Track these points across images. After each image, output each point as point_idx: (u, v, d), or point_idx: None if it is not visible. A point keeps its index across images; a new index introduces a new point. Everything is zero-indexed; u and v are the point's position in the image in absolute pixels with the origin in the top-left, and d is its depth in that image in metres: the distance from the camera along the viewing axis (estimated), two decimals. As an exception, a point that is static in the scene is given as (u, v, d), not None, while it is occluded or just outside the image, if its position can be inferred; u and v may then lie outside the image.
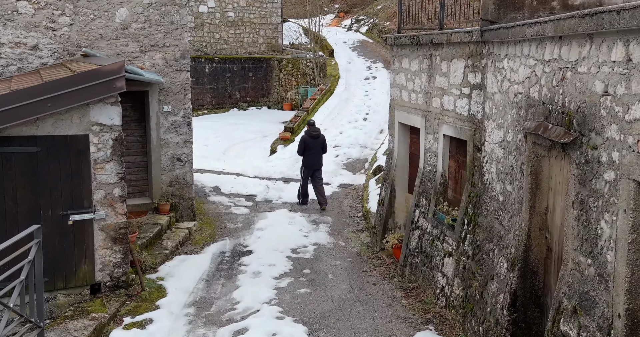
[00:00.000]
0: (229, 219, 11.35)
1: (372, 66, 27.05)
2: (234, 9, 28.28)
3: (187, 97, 10.13)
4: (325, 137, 12.22)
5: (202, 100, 27.50)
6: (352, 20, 38.63)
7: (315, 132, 12.03)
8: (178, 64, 9.99)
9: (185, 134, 10.23)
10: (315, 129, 12.12)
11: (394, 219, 9.46)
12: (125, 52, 9.63)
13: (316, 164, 11.94)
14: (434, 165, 8.02)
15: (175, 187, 10.32)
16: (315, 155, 11.87)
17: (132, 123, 10.07)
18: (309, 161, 11.92)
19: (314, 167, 11.94)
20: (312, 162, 11.93)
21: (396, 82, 9.37)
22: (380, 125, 19.12)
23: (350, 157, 16.40)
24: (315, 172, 12.03)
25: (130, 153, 10.12)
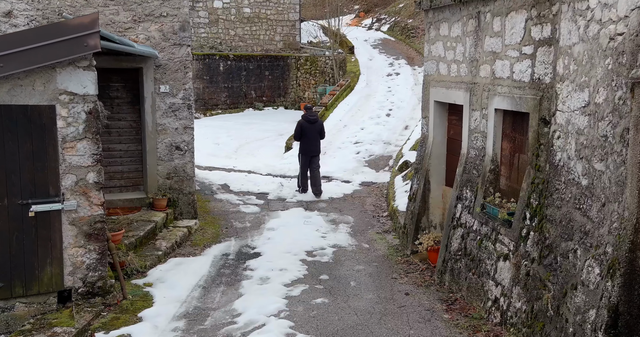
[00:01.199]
0: (236, 218, 9.94)
1: (394, 63, 25.61)
2: (249, 5, 27.12)
3: (187, 76, 8.79)
4: (323, 123, 11.58)
5: (216, 100, 26.32)
6: (372, 19, 37.29)
7: (312, 116, 11.41)
8: (177, 37, 8.67)
9: (186, 118, 8.88)
10: (313, 114, 11.49)
11: (428, 217, 7.95)
12: (115, 22, 8.33)
13: (314, 150, 11.35)
14: (481, 148, 6.53)
15: (174, 180, 8.95)
16: (312, 140, 11.30)
17: (125, 106, 8.75)
18: (306, 147, 11.33)
19: (311, 153, 11.34)
20: (310, 148, 11.33)
21: (431, 54, 7.90)
22: (405, 121, 17.64)
23: (372, 154, 14.92)
24: (313, 158, 11.39)
25: (122, 140, 8.80)
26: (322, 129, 11.63)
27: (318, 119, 11.51)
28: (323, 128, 11.67)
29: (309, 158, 11.41)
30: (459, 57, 7.05)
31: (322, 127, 11.62)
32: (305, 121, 11.41)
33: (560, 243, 4.83)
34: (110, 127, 8.68)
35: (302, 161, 11.47)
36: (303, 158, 11.44)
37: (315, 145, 11.42)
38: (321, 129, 11.56)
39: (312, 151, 11.41)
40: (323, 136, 11.66)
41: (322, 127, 11.62)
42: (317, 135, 11.43)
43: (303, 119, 11.47)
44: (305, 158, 11.41)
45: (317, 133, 11.44)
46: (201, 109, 25.83)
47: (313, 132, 11.37)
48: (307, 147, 11.38)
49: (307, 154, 11.39)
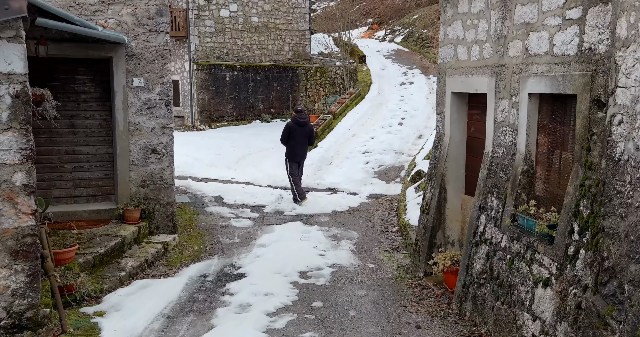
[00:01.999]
0: (224, 233, 8.70)
1: (408, 72, 24.44)
2: (258, 14, 26.23)
3: (165, 68, 7.65)
4: (313, 127, 10.93)
5: (222, 112, 25.32)
6: (386, 31, 36.27)
7: (302, 119, 10.71)
8: (154, 23, 7.55)
9: (164, 117, 7.71)
10: (303, 116, 10.81)
11: (445, 232, 6.63)
12: (79, 4, 7.24)
13: (300, 156, 10.74)
14: (510, 145, 5.23)
15: (150, 189, 7.75)
16: (300, 145, 10.64)
17: (93, 102, 7.61)
18: (292, 151, 10.64)
19: (297, 159, 10.70)
20: (296, 153, 10.65)
21: (448, 37, 6.66)
22: (419, 130, 16.35)
23: (382, 165, 13.64)
24: (299, 163, 10.78)
25: (90, 142, 7.64)
26: (312, 133, 10.89)
27: (308, 122, 10.79)
28: (313, 132, 10.94)
29: (296, 164, 10.68)
30: (481, 36, 5.80)
31: (311, 131, 10.88)
32: (295, 123, 10.64)
33: (627, 265, 3.50)
34: (76, 127, 7.54)
35: (290, 168, 10.65)
36: (290, 164, 10.63)
37: (302, 150, 10.73)
38: (310, 134, 10.83)
39: (298, 156, 10.69)
40: (312, 142, 10.97)
41: (311, 131, 10.88)
42: (306, 140, 10.73)
43: (292, 122, 10.71)
44: (291, 164, 10.63)
45: (306, 137, 10.71)
46: (206, 120, 24.84)
47: (301, 136, 10.62)
48: (293, 152, 10.60)
49: (294, 159, 10.63)
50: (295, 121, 10.74)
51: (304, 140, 10.72)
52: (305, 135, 10.71)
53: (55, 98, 7.30)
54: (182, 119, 25.57)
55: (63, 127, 7.46)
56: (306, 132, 10.69)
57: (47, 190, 7.42)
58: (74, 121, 7.51)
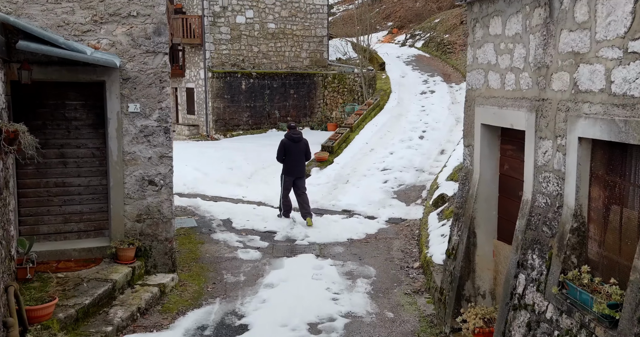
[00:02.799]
0: (229, 269, 7.99)
1: (429, 80, 23.54)
2: (274, 20, 25.62)
3: (163, 91, 6.97)
4: (307, 142, 10.80)
5: (238, 120, 24.74)
6: (406, 35, 35.37)
7: (296, 135, 10.65)
8: (151, 43, 6.88)
9: (162, 145, 7.03)
10: (297, 132, 10.73)
11: (474, 282, 5.82)
12: (69, 24, 6.60)
13: (298, 172, 10.62)
14: (555, 195, 4.42)
15: (146, 224, 7.08)
16: (297, 161, 10.59)
17: (85, 129, 6.96)
18: (289, 168, 10.56)
19: (295, 175, 10.57)
20: (293, 169, 10.55)
21: (477, 61, 5.87)
22: (441, 144, 15.49)
23: (402, 184, 12.82)
24: (298, 180, 10.61)
25: (82, 173, 6.99)
26: (308, 148, 10.76)
27: (302, 138, 10.71)
28: (308, 148, 10.79)
29: (293, 179, 10.57)
30: (518, 63, 5.00)
31: (307, 147, 10.73)
32: (289, 140, 10.57)
33: None
34: (66, 156, 6.90)
35: (285, 183, 10.59)
36: (286, 179, 10.58)
37: (300, 166, 10.64)
38: (306, 149, 10.73)
39: (296, 172, 10.58)
40: (309, 157, 10.88)
41: (307, 147, 10.73)
42: (302, 156, 10.68)
43: (286, 138, 10.61)
44: (288, 179, 10.57)
45: (302, 153, 10.66)
46: (221, 129, 24.29)
47: (297, 152, 10.58)
48: (290, 168, 10.55)
49: (291, 175, 10.58)
50: (290, 137, 10.59)
51: (300, 156, 10.64)
52: (301, 151, 10.64)
53: (43, 126, 6.72)
54: (197, 128, 25.06)
55: (52, 156, 6.83)
56: (302, 148, 10.62)
57: (35, 226, 6.80)
58: (64, 150, 6.88)
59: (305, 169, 10.93)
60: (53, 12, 6.48)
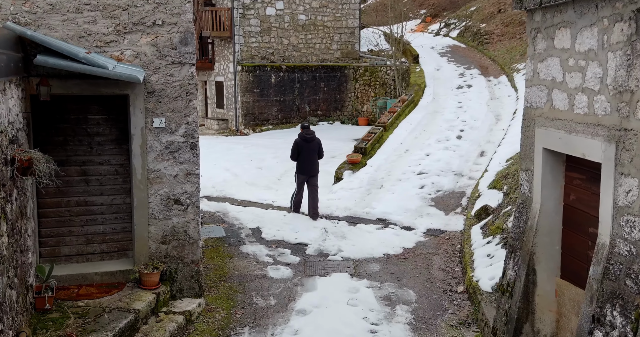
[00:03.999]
0: (259, 289, 7.54)
1: (465, 73, 22.64)
2: (305, 11, 24.96)
3: (190, 105, 6.49)
4: (320, 141, 11.21)
5: (267, 114, 24.30)
6: (440, 24, 34.28)
7: (309, 135, 11.02)
8: (177, 53, 6.39)
9: (188, 162, 6.57)
10: (310, 132, 11.08)
11: (534, 325, 5.21)
12: (91, 34, 6.15)
13: (311, 170, 11.03)
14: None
15: (171, 245, 6.65)
16: (309, 160, 11.01)
17: (108, 145, 6.54)
18: (302, 166, 11.02)
19: (309, 173, 11.01)
20: (307, 168, 10.99)
21: (538, 75, 5.20)
22: (480, 145, 14.74)
23: (440, 189, 12.16)
24: (311, 178, 11.03)
25: (104, 191, 6.59)
26: (320, 148, 11.15)
27: (315, 137, 11.11)
28: (321, 147, 11.17)
29: (307, 178, 11.02)
30: (592, 84, 4.33)
31: (319, 146, 11.12)
32: (302, 140, 11.00)
33: None
34: (88, 174, 6.50)
35: (299, 180, 11.13)
36: (300, 177, 11.09)
37: (312, 165, 11.05)
38: (319, 148, 11.12)
39: (309, 170, 10.99)
40: (321, 156, 11.24)
41: (319, 146, 11.12)
42: (315, 155, 11.09)
43: (299, 138, 11.04)
44: (302, 177, 11.07)
45: (314, 152, 11.07)
46: (250, 124, 23.90)
47: (310, 151, 11.00)
48: (304, 167, 11.01)
49: (304, 173, 11.02)
50: (303, 138, 11.01)
51: (312, 156, 11.04)
52: (314, 151, 11.04)
53: (64, 142, 6.32)
54: (226, 122, 24.74)
55: (74, 174, 6.44)
56: (314, 148, 11.03)
57: (55, 247, 6.44)
58: (86, 167, 6.48)
59: (318, 168, 11.19)
60: (74, 22, 6.03)
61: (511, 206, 9.08)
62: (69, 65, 5.41)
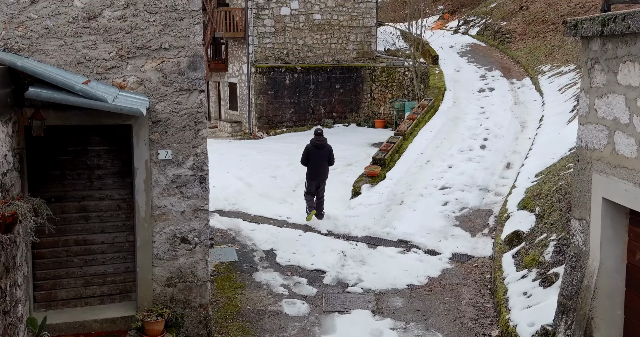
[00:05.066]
0: (272, 330, 6.94)
1: (487, 75, 21.83)
2: (320, 11, 24.27)
3: (199, 135, 5.90)
4: (331, 148, 11.43)
5: (281, 117, 23.71)
6: (459, 21, 33.34)
7: (320, 142, 11.26)
8: (185, 79, 5.79)
9: (197, 197, 5.99)
10: (321, 139, 11.28)
11: (587, 399, 4.56)
12: (91, 60, 5.57)
13: (320, 176, 11.30)
14: None
15: (178, 288, 6.08)
16: (319, 166, 11.26)
17: (109, 178, 5.98)
18: (312, 172, 11.27)
19: (318, 179, 11.28)
20: (316, 174, 11.24)
21: (596, 113, 4.51)
22: (506, 156, 14.01)
23: (465, 207, 11.47)
24: (320, 184, 11.35)
25: (105, 228, 6.03)
26: (331, 155, 11.39)
27: (326, 144, 11.31)
28: (332, 154, 11.40)
29: (316, 183, 11.26)
30: (670, 132, 3.65)
31: (330, 153, 11.35)
32: (313, 146, 11.24)
33: None
34: (88, 210, 5.94)
35: (307, 187, 11.35)
36: (309, 183, 11.32)
37: (322, 171, 11.32)
38: (329, 155, 11.35)
39: (318, 177, 11.25)
40: (332, 163, 11.48)
41: (330, 153, 11.35)
42: (325, 162, 11.31)
43: (311, 144, 11.28)
44: (311, 183, 11.29)
45: (325, 159, 11.29)
46: (264, 127, 23.34)
47: (320, 158, 11.23)
48: (313, 173, 11.24)
49: (314, 179, 11.26)
50: (314, 144, 11.22)
51: (323, 162, 11.26)
52: (324, 157, 11.26)
53: (62, 176, 5.77)
54: (239, 124, 24.19)
55: (72, 211, 5.89)
56: (324, 154, 11.24)
57: (52, 291, 5.91)
58: (85, 203, 5.92)
59: (327, 174, 11.45)
60: (72, 47, 5.46)
61: (546, 233, 8.40)
62: (64, 98, 4.84)
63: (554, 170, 10.97)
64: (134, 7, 5.56)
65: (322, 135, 11.34)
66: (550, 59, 21.37)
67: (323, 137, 11.34)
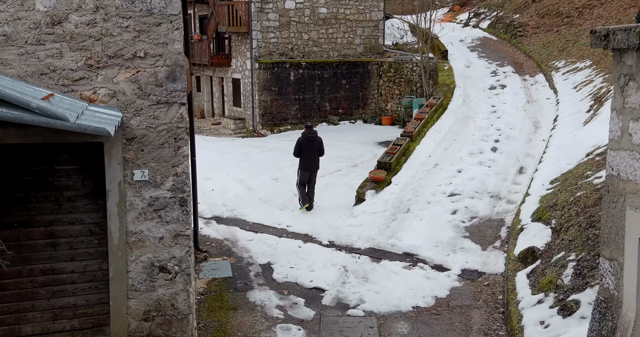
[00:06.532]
0: (265, 361, 6.38)
1: (498, 71, 21.05)
2: (326, 4, 23.54)
3: (180, 152, 5.29)
4: (322, 140, 12.20)
5: (285, 114, 23.08)
6: (469, 14, 32.46)
7: (311, 134, 11.99)
8: (162, 91, 5.17)
9: (177, 221, 5.39)
10: (312, 132, 12.03)
11: None
12: (56, 70, 4.96)
13: (312, 167, 12.01)
14: None
15: (156, 322, 5.51)
16: (310, 158, 11.97)
17: (80, 201, 5.38)
18: (304, 164, 11.96)
19: (309, 170, 11.98)
20: (308, 165, 11.94)
21: (630, 138, 3.85)
22: (519, 159, 13.32)
23: (475, 216, 10.81)
24: (312, 174, 12.05)
25: (76, 256, 5.45)
26: (321, 146, 12.08)
27: (317, 137, 12.00)
28: (322, 146, 12.10)
29: (308, 174, 11.93)
30: None
31: (321, 145, 12.06)
32: (305, 139, 11.88)
33: None
34: (56, 236, 5.36)
35: (300, 177, 11.97)
36: (302, 174, 11.95)
37: (313, 162, 11.99)
38: (320, 147, 12.04)
39: (310, 167, 11.92)
40: (322, 153, 12.15)
41: (321, 145, 12.06)
42: (316, 153, 11.99)
43: (302, 137, 11.93)
44: (303, 174, 11.93)
45: (316, 151, 11.98)
46: (268, 124, 22.72)
47: (312, 150, 11.90)
48: (305, 164, 11.90)
49: (306, 170, 11.91)
50: (305, 137, 11.90)
51: (314, 153, 11.94)
52: (315, 149, 11.94)
53: (26, 199, 5.18)
54: (243, 122, 23.59)
55: (38, 237, 5.31)
56: (316, 146, 11.94)
57: (15, 326, 5.35)
58: (53, 228, 5.34)
59: (318, 165, 12.09)
60: (34, 56, 4.86)
61: (564, 251, 7.75)
62: (18, 117, 4.23)
63: (571, 178, 10.27)
64: (104, 11, 4.93)
65: (312, 128, 12.15)
66: (565, 55, 20.53)
67: (313, 130, 12.14)
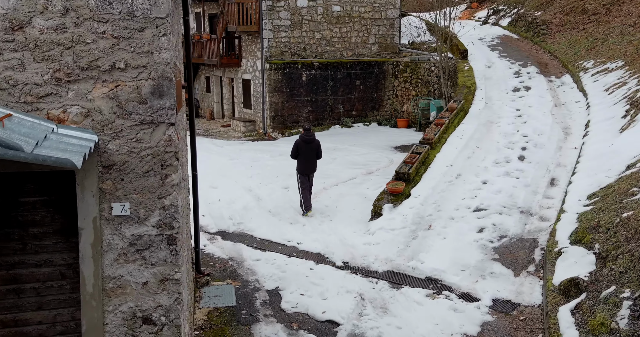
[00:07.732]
0: None
1: (522, 71, 19.96)
2: (340, 2, 22.61)
3: (167, 182, 4.40)
4: (320, 142, 12.16)
5: (297, 116, 22.21)
6: (488, 11, 31.33)
7: (309, 137, 11.96)
8: (147, 109, 4.28)
9: (164, 263, 4.50)
10: (310, 134, 11.99)
11: None
12: (17, 84, 4.09)
13: (309, 169, 12.01)
14: None
15: (140, 384, 4.63)
16: (308, 160, 11.95)
17: (49, 238, 4.51)
18: (301, 166, 11.94)
19: (307, 172, 11.98)
20: (306, 166, 11.94)
21: None
22: (549, 170, 12.31)
23: (504, 235, 9.82)
24: (308, 176, 12.04)
25: (43, 304, 4.57)
26: (319, 149, 12.05)
27: (314, 139, 11.98)
28: (319, 148, 12.06)
29: (307, 176, 11.92)
30: None
31: (318, 147, 12.02)
32: (302, 141, 11.89)
33: None
34: (20, 281, 4.50)
35: (300, 179, 11.97)
36: (300, 177, 11.95)
37: (311, 164, 11.98)
38: (317, 149, 12.01)
39: (307, 169, 11.92)
40: (319, 156, 12.10)
41: (318, 147, 12.02)
42: (313, 155, 11.97)
43: (300, 139, 11.94)
44: (302, 177, 11.91)
45: (313, 153, 11.95)
46: (279, 127, 21.87)
47: (309, 152, 11.88)
48: (303, 166, 11.88)
49: (304, 172, 11.89)
50: (303, 139, 11.89)
51: (311, 156, 11.93)
52: (313, 151, 11.93)
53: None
54: (253, 124, 22.73)
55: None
56: (313, 148, 11.93)
57: (-25, 389, 4.51)
58: (17, 272, 4.48)
59: (315, 167, 12.08)
60: (-15, 67, 3.98)
61: (615, 285, 6.76)
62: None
63: (612, 194, 9.24)
64: (75, 13, 4.05)
65: (310, 130, 12.12)
66: (594, 54, 19.38)
67: (311, 132, 12.09)
